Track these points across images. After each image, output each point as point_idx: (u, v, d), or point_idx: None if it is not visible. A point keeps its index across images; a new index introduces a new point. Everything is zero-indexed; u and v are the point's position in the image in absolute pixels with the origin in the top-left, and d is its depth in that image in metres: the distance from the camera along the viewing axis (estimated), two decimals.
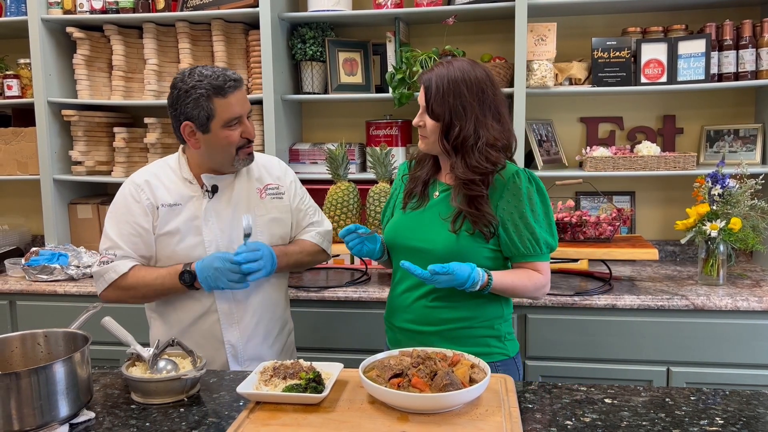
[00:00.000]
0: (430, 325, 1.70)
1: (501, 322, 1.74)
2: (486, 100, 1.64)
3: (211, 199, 1.82)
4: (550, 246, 1.69)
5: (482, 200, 1.63)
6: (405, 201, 1.79)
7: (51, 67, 2.94)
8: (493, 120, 1.65)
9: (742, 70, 2.61)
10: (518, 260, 1.69)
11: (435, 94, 1.63)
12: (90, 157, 3.02)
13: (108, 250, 1.81)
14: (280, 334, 1.98)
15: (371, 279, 2.63)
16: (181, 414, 1.38)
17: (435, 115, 1.65)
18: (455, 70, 1.64)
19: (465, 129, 1.62)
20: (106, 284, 1.80)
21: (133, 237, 1.80)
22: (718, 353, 2.27)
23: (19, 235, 3.24)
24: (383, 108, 3.01)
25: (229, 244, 1.82)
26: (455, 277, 1.55)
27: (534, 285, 1.68)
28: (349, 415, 1.32)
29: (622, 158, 2.66)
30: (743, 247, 2.37)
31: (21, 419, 1.26)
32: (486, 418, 1.29)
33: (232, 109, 1.73)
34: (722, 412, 1.35)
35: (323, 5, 2.78)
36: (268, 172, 1.94)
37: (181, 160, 1.86)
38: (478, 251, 1.66)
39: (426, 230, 1.70)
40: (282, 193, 1.93)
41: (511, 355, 1.76)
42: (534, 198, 1.67)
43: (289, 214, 1.95)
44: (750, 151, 2.79)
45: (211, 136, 1.74)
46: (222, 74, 1.72)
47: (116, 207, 1.83)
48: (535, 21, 2.71)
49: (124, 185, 1.85)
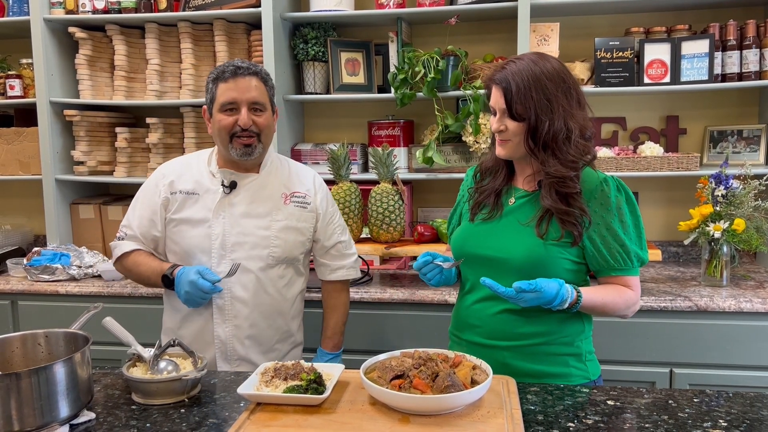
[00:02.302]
0: (504, 340, 1.58)
1: (582, 339, 1.62)
2: (569, 89, 1.53)
3: (227, 195, 1.86)
4: (641, 259, 1.57)
5: (577, 196, 1.52)
6: (473, 212, 1.66)
7: (53, 67, 2.94)
8: (578, 108, 1.54)
9: (746, 70, 2.60)
10: (606, 274, 1.57)
11: (516, 93, 1.50)
12: (92, 157, 3.02)
13: (123, 227, 1.94)
14: (280, 344, 1.95)
15: (373, 279, 2.63)
16: (182, 415, 1.38)
17: (518, 115, 1.52)
18: (529, 63, 1.52)
19: (555, 124, 1.50)
20: (114, 258, 1.94)
21: (145, 220, 1.90)
22: (722, 355, 2.26)
23: (21, 235, 3.24)
24: (385, 108, 3.01)
25: (235, 240, 1.85)
26: (543, 295, 1.43)
27: (625, 302, 1.56)
28: (350, 417, 1.31)
29: (624, 159, 2.65)
30: (747, 248, 2.36)
31: (21, 419, 1.25)
32: (488, 420, 1.28)
33: (228, 93, 1.80)
34: (726, 414, 1.34)
35: (325, 5, 2.78)
36: (300, 181, 1.96)
37: (213, 153, 1.94)
38: (560, 262, 1.54)
39: (501, 238, 1.58)
40: (308, 203, 1.94)
41: (593, 378, 1.63)
42: (623, 208, 1.55)
43: (311, 225, 1.95)
44: (754, 152, 2.78)
45: (213, 120, 1.84)
46: (231, 63, 1.83)
47: (143, 188, 1.94)
48: (537, 21, 2.70)
49: (157, 169, 1.96)
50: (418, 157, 2.73)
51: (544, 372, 1.59)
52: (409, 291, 2.44)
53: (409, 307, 2.43)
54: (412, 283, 2.56)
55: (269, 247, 1.87)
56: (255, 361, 1.88)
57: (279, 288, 1.91)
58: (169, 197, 1.87)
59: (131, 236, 1.91)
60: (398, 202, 2.52)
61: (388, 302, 2.43)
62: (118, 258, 1.92)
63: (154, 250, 1.92)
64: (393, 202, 2.51)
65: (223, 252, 1.84)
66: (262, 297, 1.88)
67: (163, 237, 1.90)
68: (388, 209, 2.50)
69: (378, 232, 2.53)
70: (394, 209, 2.51)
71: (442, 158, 2.70)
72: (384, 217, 2.50)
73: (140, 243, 1.90)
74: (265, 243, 1.86)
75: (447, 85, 2.70)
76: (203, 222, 1.85)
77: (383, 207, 2.50)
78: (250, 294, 1.86)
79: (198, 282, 1.72)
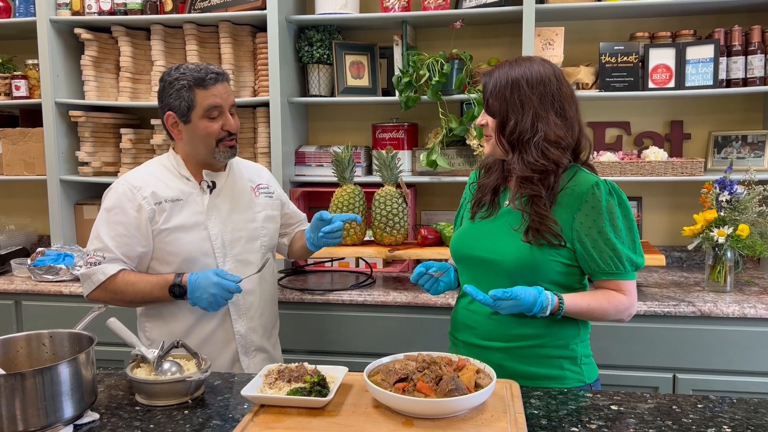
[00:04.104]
0: (498, 341, 1.60)
1: (577, 342, 1.62)
2: (547, 95, 1.54)
3: (211, 195, 1.88)
4: (635, 264, 1.56)
5: (540, 201, 1.53)
6: (473, 210, 1.70)
7: (59, 67, 2.95)
8: (556, 116, 1.54)
9: (751, 75, 2.60)
10: (599, 278, 1.57)
11: (492, 88, 1.56)
12: (96, 157, 3.03)
13: (96, 251, 1.80)
14: (274, 328, 2.09)
15: (376, 282, 2.63)
16: (186, 416, 1.38)
17: (491, 110, 1.57)
18: (517, 65, 1.56)
19: (521, 122, 1.53)
20: (94, 286, 1.80)
21: (125, 238, 1.79)
22: (725, 360, 2.25)
23: (25, 235, 3.24)
24: (390, 111, 3.01)
25: (232, 235, 1.90)
26: (520, 302, 1.45)
27: (615, 307, 1.55)
28: (354, 420, 1.31)
29: (629, 163, 2.65)
30: (751, 253, 2.36)
31: (26, 420, 1.26)
32: (491, 424, 1.28)
33: (212, 100, 1.80)
34: (729, 420, 1.34)
35: (330, 8, 2.79)
36: (258, 174, 2.07)
37: (176, 158, 1.90)
38: (551, 265, 1.55)
39: (495, 240, 1.60)
40: (272, 193, 2.07)
41: (588, 381, 1.63)
42: (615, 212, 1.55)
43: (279, 212, 2.09)
44: (758, 158, 2.77)
45: (192, 127, 1.82)
46: (205, 68, 1.82)
47: (108, 207, 1.83)
48: (542, 25, 2.70)
49: (116, 185, 1.85)
50: (422, 160, 2.74)
51: (538, 374, 1.59)
52: (413, 294, 2.44)
53: (413, 310, 2.43)
54: (415, 286, 2.55)
55: (259, 237, 1.97)
56: (267, 348, 2.01)
57: (271, 274, 2.05)
58: (155, 208, 1.80)
59: (111, 258, 1.79)
60: (402, 205, 2.52)
61: (391, 305, 2.44)
62: (102, 283, 1.78)
63: (135, 268, 1.84)
64: (397, 205, 2.51)
65: (225, 250, 1.88)
66: (264, 285, 1.99)
67: (149, 251, 1.82)
68: (392, 212, 2.50)
69: (381, 234, 2.53)
70: (397, 212, 2.51)
71: (445, 161, 2.70)
72: (387, 220, 2.51)
73: (123, 263, 1.80)
74: (256, 234, 1.96)
75: (451, 88, 2.70)
76: (197, 226, 1.84)
77: (387, 210, 2.50)
78: (255, 285, 1.94)
79: (223, 283, 1.75)
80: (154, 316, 1.89)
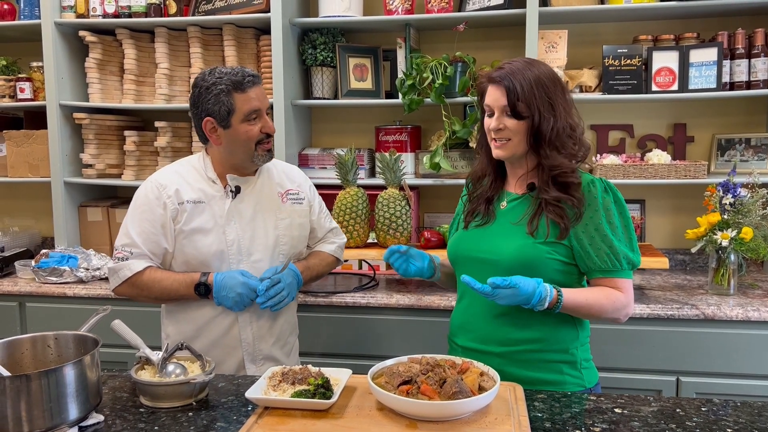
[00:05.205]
0: (496, 346, 1.59)
1: (577, 346, 1.61)
2: (563, 90, 1.57)
3: (234, 200, 1.86)
4: (632, 262, 1.56)
5: (578, 187, 1.54)
6: (467, 220, 1.69)
7: (63, 70, 2.96)
8: (572, 107, 1.58)
9: (754, 78, 2.59)
10: (596, 276, 1.57)
11: (521, 91, 1.52)
12: (101, 160, 3.04)
13: (125, 246, 1.83)
14: (291, 335, 2.02)
15: (379, 285, 2.63)
16: (190, 418, 1.38)
17: (520, 114, 1.53)
18: (525, 65, 1.55)
19: (559, 120, 1.53)
20: (120, 280, 1.82)
21: (152, 236, 1.82)
22: (729, 363, 2.25)
23: (29, 237, 3.25)
24: (393, 114, 3.01)
25: (250, 244, 1.86)
26: (519, 291, 1.43)
27: (612, 304, 1.54)
28: (358, 422, 1.31)
29: (632, 166, 2.65)
30: (754, 256, 2.36)
31: (31, 421, 1.26)
32: (495, 427, 1.28)
33: (252, 103, 1.78)
34: (733, 423, 1.34)
35: (334, 11, 2.79)
36: (289, 178, 2.00)
37: (206, 160, 1.89)
38: (549, 263, 1.55)
39: (492, 240, 1.60)
40: (302, 199, 2.00)
41: (589, 385, 1.62)
42: (611, 209, 1.55)
43: (308, 219, 2.01)
44: (762, 161, 2.77)
45: (232, 131, 1.79)
46: (241, 71, 1.79)
47: (137, 205, 1.85)
48: (545, 28, 2.70)
49: (146, 183, 1.87)
50: (425, 162, 2.74)
51: (538, 379, 1.58)
52: (416, 296, 2.44)
53: (416, 313, 2.43)
54: (418, 288, 2.57)
55: (279, 245, 1.91)
56: (278, 357, 1.94)
57: None
58: (178, 208, 1.81)
59: (138, 254, 1.81)
60: (405, 207, 2.53)
61: (394, 308, 2.44)
62: (128, 279, 1.80)
63: (161, 265, 1.87)
64: (400, 207, 2.51)
65: (240, 257, 1.85)
66: None
67: (172, 250, 1.84)
68: (395, 214, 2.51)
69: (385, 237, 2.53)
70: (400, 215, 2.51)
71: (449, 164, 2.70)
72: (391, 223, 2.51)
73: (149, 260, 1.82)
74: (276, 242, 1.91)
75: (455, 91, 2.71)
76: (216, 229, 1.83)
77: (390, 212, 2.51)
78: None
79: (250, 283, 1.76)
80: (170, 312, 1.91)
